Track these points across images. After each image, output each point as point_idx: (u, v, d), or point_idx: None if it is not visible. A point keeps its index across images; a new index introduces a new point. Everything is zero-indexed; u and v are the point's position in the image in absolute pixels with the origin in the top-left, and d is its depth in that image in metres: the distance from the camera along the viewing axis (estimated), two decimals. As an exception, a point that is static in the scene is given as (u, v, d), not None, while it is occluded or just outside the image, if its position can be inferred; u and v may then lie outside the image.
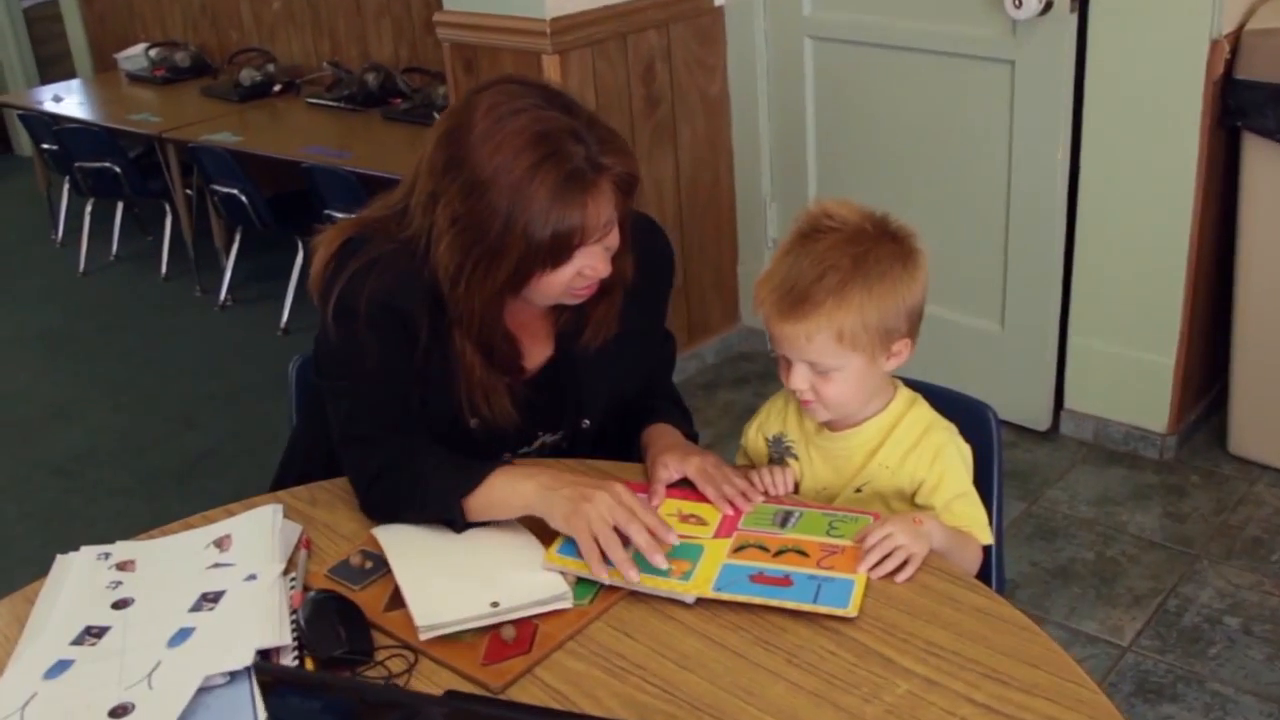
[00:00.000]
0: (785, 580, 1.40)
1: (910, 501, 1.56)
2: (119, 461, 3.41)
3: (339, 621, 1.39)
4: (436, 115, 3.62)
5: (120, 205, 5.07)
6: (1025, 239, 2.95)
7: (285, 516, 1.64)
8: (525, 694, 1.30)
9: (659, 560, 1.39)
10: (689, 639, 1.35)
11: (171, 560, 1.58)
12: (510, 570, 1.44)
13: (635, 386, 1.75)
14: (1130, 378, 2.95)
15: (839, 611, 1.35)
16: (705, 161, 3.51)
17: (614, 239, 1.52)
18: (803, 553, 1.45)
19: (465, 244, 1.45)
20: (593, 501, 1.41)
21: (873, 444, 1.57)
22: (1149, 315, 2.86)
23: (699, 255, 3.61)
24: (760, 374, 3.57)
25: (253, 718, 1.28)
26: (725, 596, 1.38)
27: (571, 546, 1.45)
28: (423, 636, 1.37)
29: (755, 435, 1.69)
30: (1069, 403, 3.09)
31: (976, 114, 2.94)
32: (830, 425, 1.60)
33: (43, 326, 4.48)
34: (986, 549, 1.67)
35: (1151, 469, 2.94)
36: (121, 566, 1.58)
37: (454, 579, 1.45)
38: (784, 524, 1.51)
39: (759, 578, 1.41)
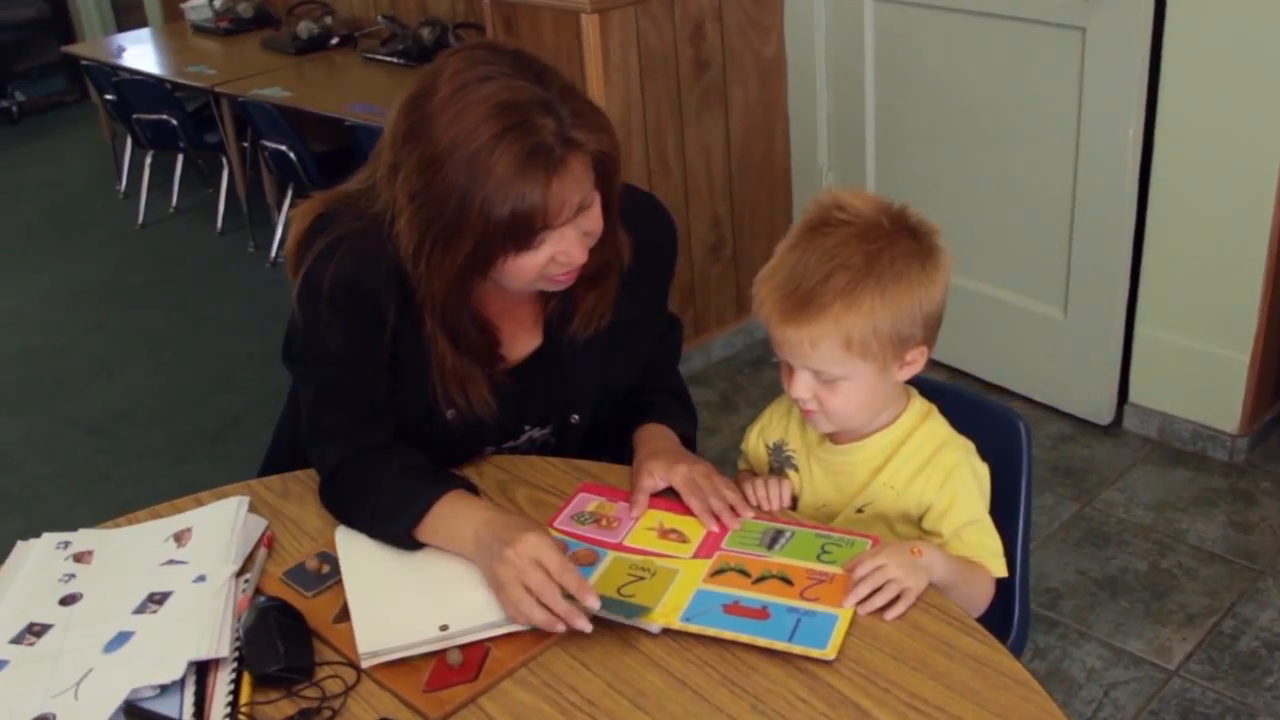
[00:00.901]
0: (762, 612, 1.27)
1: (917, 526, 1.42)
2: (153, 421, 3.38)
3: (279, 634, 1.29)
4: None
5: (180, 157, 5.05)
6: (1092, 220, 2.75)
7: (252, 509, 1.56)
8: (465, 730, 1.19)
9: (580, 624, 1.26)
10: (650, 674, 1.23)
11: (128, 554, 1.50)
12: (466, 589, 1.33)
13: (631, 380, 1.63)
14: (1200, 373, 2.74)
15: (815, 653, 1.21)
16: (758, 128, 3.34)
17: (593, 223, 1.39)
18: (787, 580, 1.32)
19: (423, 221, 1.33)
20: (510, 562, 1.29)
21: (878, 460, 1.42)
22: (1224, 307, 2.65)
23: (750, 226, 3.45)
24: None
25: (180, 734, 1.20)
26: (693, 629, 1.26)
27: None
28: (365, 664, 1.27)
29: (756, 441, 1.55)
30: (1134, 396, 2.89)
31: (1043, 84, 2.73)
32: (833, 437, 1.45)
33: (96, 279, 4.48)
34: (1004, 583, 1.53)
35: (1219, 472, 2.73)
36: (79, 558, 1.51)
37: (405, 597, 1.35)
38: (772, 545, 1.38)
39: (733, 608, 1.28)
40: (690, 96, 3.15)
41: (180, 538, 1.51)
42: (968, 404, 1.68)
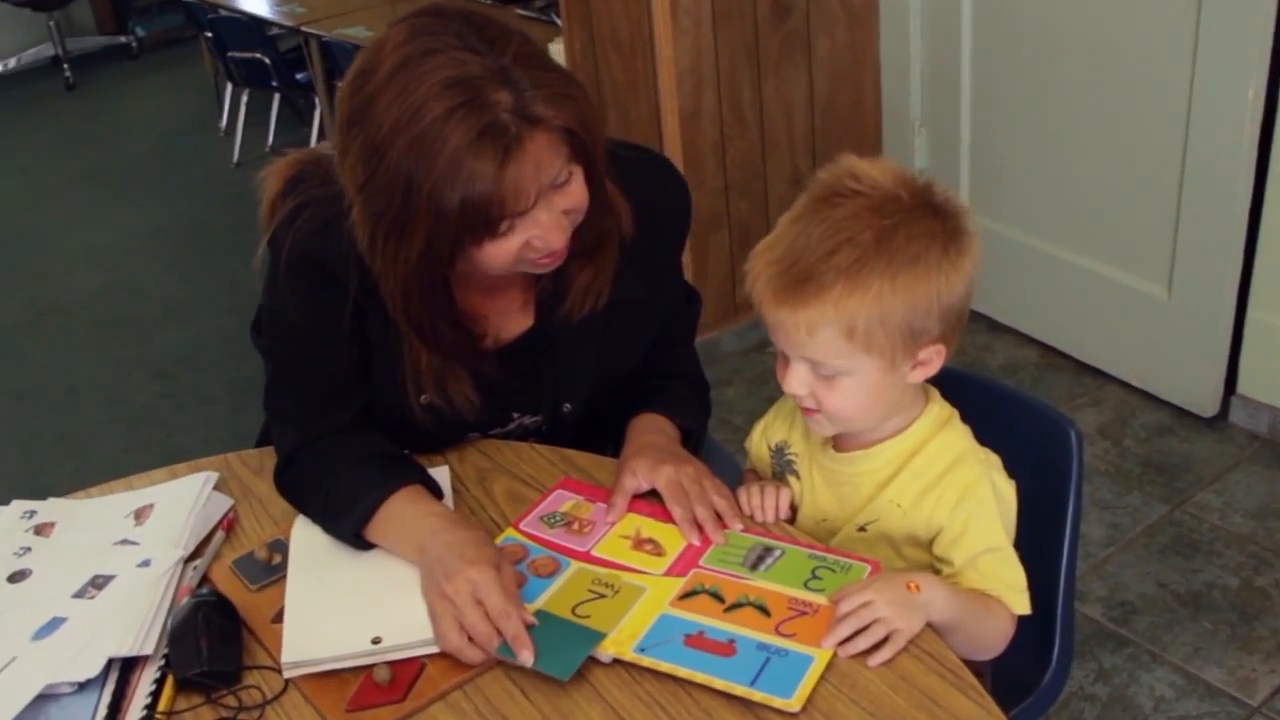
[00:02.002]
0: (727, 647, 1.12)
1: (927, 550, 1.24)
2: (216, 367, 3.35)
3: (206, 634, 1.19)
4: (557, 19, 3.33)
5: (277, 96, 5.02)
6: (1203, 191, 2.47)
7: (220, 487, 1.46)
8: (382, 758, 1.07)
9: (524, 656, 1.12)
10: (592, 708, 1.09)
11: (87, 528, 1.42)
12: (409, 597, 1.20)
13: (631, 364, 1.47)
14: (1320, 365, 2.46)
15: (778, 703, 1.06)
16: (846, 78, 3.11)
17: (573, 200, 1.24)
18: (764, 610, 1.16)
19: (372, 214, 1.19)
20: (447, 597, 1.16)
21: (885, 473, 1.25)
22: (1351, 293, 2.36)
23: (835, 184, 3.23)
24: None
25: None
26: (646, 662, 1.11)
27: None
28: (286, 674, 1.16)
29: (759, 440, 1.39)
30: (1241, 387, 2.61)
31: (1154, 35, 2.46)
32: (837, 444, 1.28)
33: (186, 218, 4.48)
34: (1045, 608, 1.35)
35: (1335, 477, 2.45)
36: (40, 530, 1.43)
37: (343, 602, 1.23)
38: (756, 564, 1.22)
39: (696, 639, 1.13)
40: (769, 44, 2.94)
41: (140, 515, 1.42)
42: (1013, 404, 1.49)
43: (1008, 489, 1.23)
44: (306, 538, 1.33)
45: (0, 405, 3.28)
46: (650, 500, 1.32)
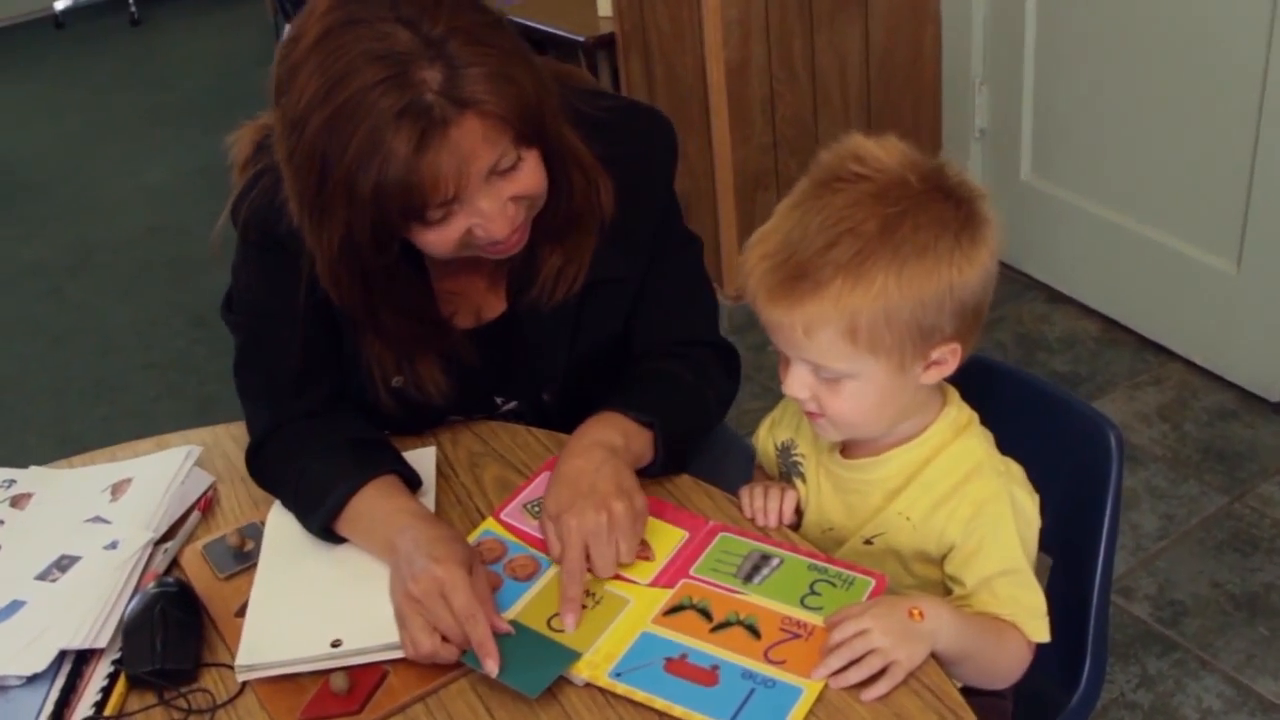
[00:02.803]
0: (710, 675, 1.03)
1: (938, 568, 1.13)
2: (253, 315, 3.30)
3: (162, 629, 1.13)
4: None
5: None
6: (1278, 159, 2.29)
7: (203, 463, 1.40)
8: (331, 776, 1.00)
9: (489, 665, 1.04)
10: (559, 734, 1.01)
11: (62, 502, 1.37)
12: (374, 598, 1.12)
13: (613, 346, 1.36)
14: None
15: (758, 740, 0.97)
16: (904, 32, 2.95)
17: (524, 185, 1.13)
18: (754, 631, 1.06)
19: (295, 192, 1.11)
20: (413, 598, 1.07)
21: (896, 482, 1.14)
22: None
23: (891, 141, 3.08)
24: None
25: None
26: (621, 689, 1.02)
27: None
28: (240, 677, 1.09)
29: (766, 437, 1.28)
30: (1315, 372, 2.44)
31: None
32: (844, 449, 1.18)
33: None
34: (1076, 622, 1.24)
35: None
36: (16, 501, 1.38)
37: (307, 600, 1.16)
38: (751, 576, 1.13)
39: (677, 664, 1.04)
40: (823, -5, 2.79)
41: (117, 490, 1.36)
42: (1050, 402, 1.37)
43: (1029, 504, 1.12)
44: (282, 525, 1.25)
45: (37, 347, 3.27)
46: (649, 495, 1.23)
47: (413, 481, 1.24)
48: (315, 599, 1.15)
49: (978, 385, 1.38)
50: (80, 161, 4.57)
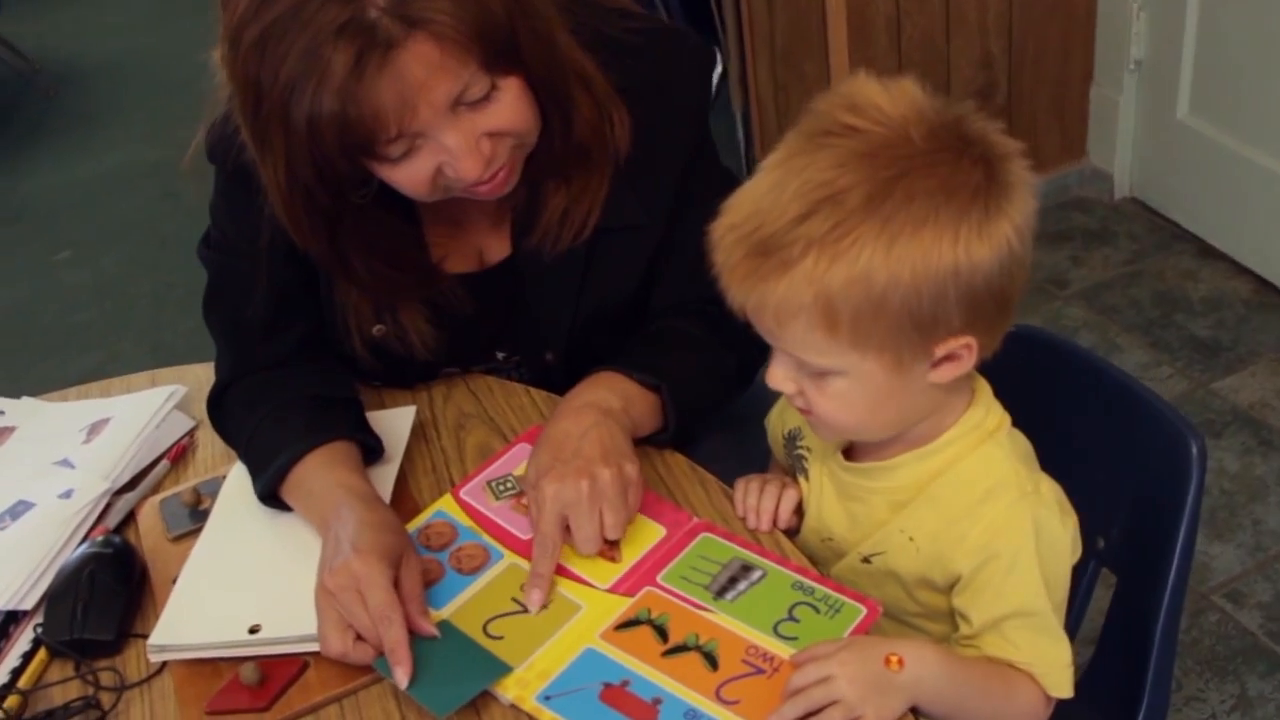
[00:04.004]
0: (648, 710, 0.88)
1: (945, 597, 0.96)
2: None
3: (87, 595, 1.04)
4: None
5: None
6: None
7: (186, 405, 1.31)
8: (222, 782, 0.91)
9: (399, 675, 0.91)
10: (472, 759, 0.89)
11: (39, 440, 1.31)
12: (302, 581, 1.01)
13: (628, 307, 1.20)
14: None
15: (683, 799, 0.82)
16: (1055, -55, 2.64)
17: (502, 121, 0.98)
18: (711, 659, 0.91)
19: (241, 116, 0.98)
20: (328, 591, 0.95)
21: (903, 494, 0.96)
22: None
23: (1035, 68, 2.78)
24: (1093, 232, 2.76)
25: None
26: (545, 717, 0.89)
27: None
28: (152, 657, 1.00)
29: (777, 420, 1.12)
30: None
31: None
32: (847, 450, 1.00)
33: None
34: (1137, 659, 1.06)
35: None
36: (-3, 434, 1.32)
37: (238, 577, 1.05)
38: (726, 590, 0.97)
39: (615, 693, 0.90)
40: (961, -100, 2.51)
41: (94, 430, 1.29)
42: (1127, 399, 1.16)
43: (1061, 531, 0.93)
44: (240, 485, 1.15)
45: (148, 250, 3.28)
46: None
47: (372, 449, 1.12)
48: (246, 576, 1.05)
49: (1042, 371, 1.20)
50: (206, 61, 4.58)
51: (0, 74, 4.34)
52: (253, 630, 0.98)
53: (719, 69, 3.26)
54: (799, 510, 1.05)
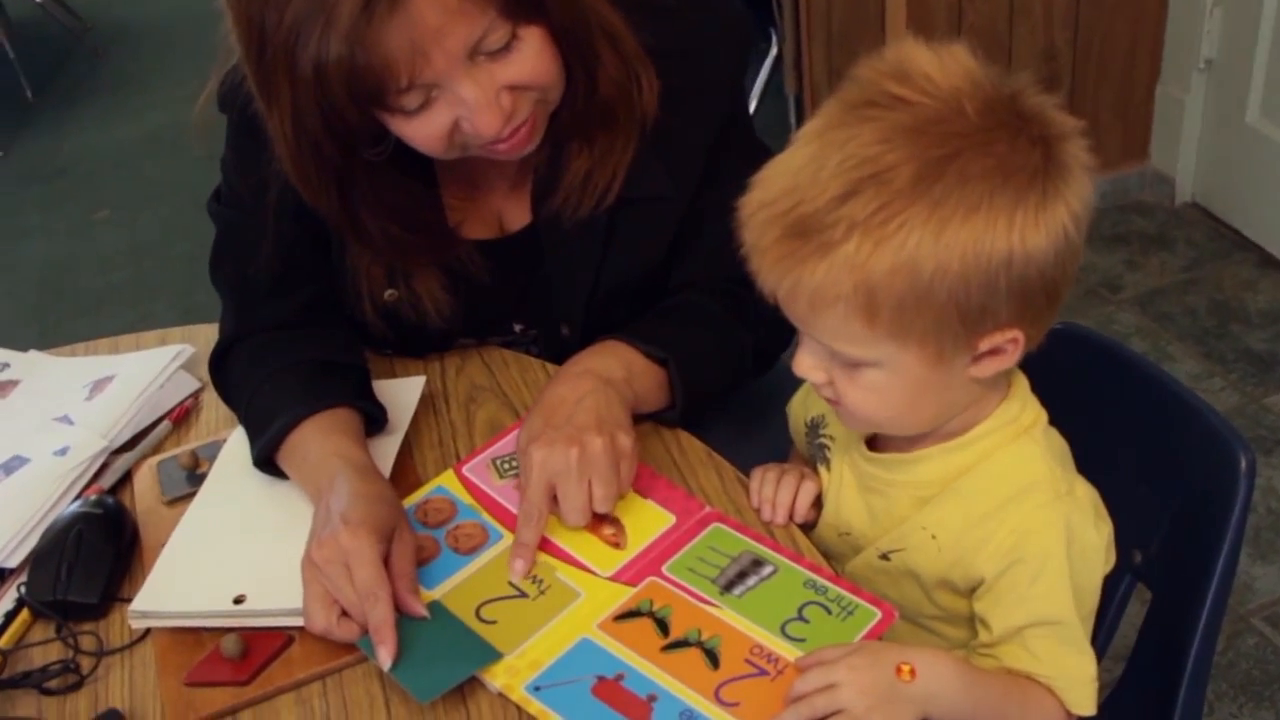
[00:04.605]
0: (642, 707, 0.83)
1: (966, 601, 0.90)
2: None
3: (73, 556, 1.01)
4: None
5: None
6: None
7: (192, 366, 1.27)
8: (194, 758, 0.86)
9: (382, 655, 0.86)
10: (454, 749, 0.84)
11: (42, 395, 1.27)
12: (294, 551, 0.96)
13: (650, 283, 1.15)
14: None
15: (671, 805, 0.77)
16: (1125, -65, 2.55)
17: (522, 73, 0.93)
18: (713, 656, 0.86)
19: (245, 63, 0.94)
20: (315, 565, 0.91)
21: (927, 489, 0.90)
22: None
23: (1100, 63, 2.69)
24: (1151, 236, 2.67)
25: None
26: (533, 707, 0.84)
27: None
28: (133, 623, 0.96)
29: (800, 407, 1.06)
30: None
31: None
32: (871, 439, 0.94)
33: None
34: (1170, 677, 1.00)
35: None
36: (0, 389, 1.29)
37: (226, 545, 1.01)
38: (734, 585, 0.92)
39: (608, 687, 0.85)
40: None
41: (97, 387, 1.25)
42: (1176, 407, 1.09)
43: (1095, 538, 0.86)
44: (238, 450, 1.11)
45: (185, 213, 3.20)
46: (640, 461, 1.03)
47: (375, 418, 1.08)
48: (236, 545, 1.01)
49: (1087, 372, 1.13)
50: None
51: (51, 31, 4.35)
52: (238, 600, 0.94)
53: (774, 51, 3.21)
54: (818, 503, 0.99)
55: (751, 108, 3.12)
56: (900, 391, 0.83)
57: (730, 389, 1.13)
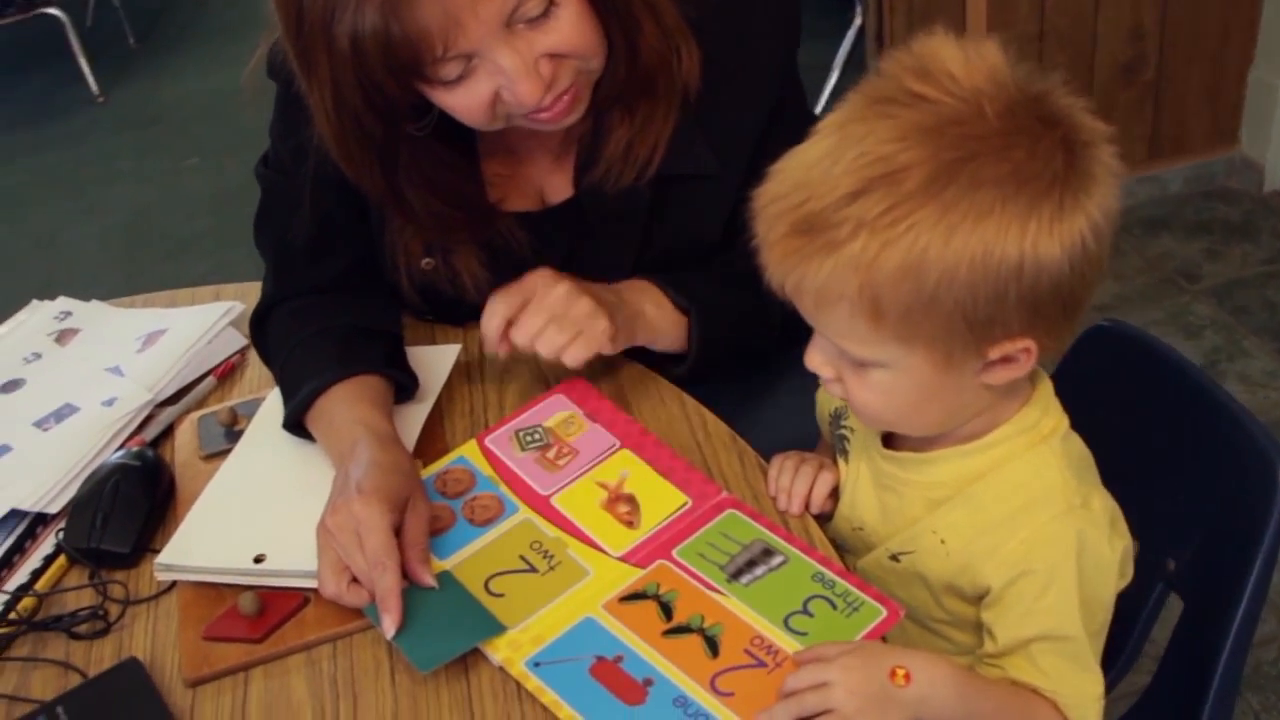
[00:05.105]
0: (639, 690, 0.84)
1: (975, 608, 0.89)
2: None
3: (111, 505, 1.04)
4: None
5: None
6: None
7: (240, 322, 1.30)
8: (205, 706, 0.89)
9: (386, 623, 0.88)
10: (451, 718, 0.85)
11: (98, 345, 1.32)
12: (313, 514, 0.98)
13: (696, 259, 1.14)
14: None
15: (655, 792, 0.78)
16: (1228, -89, 2.45)
17: (562, 40, 0.94)
18: (713, 644, 0.86)
19: (285, 37, 0.95)
20: (329, 531, 0.93)
21: (940, 491, 0.89)
22: None
23: (1190, 45, 2.59)
24: (1234, 225, 2.58)
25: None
26: (530, 683, 0.85)
27: None
28: (159, 576, 0.99)
29: (824, 397, 1.05)
30: None
31: None
32: (887, 435, 0.93)
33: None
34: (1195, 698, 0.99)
35: None
36: (62, 337, 1.34)
37: (253, 504, 1.04)
38: (742, 573, 0.92)
39: (606, 667, 0.86)
40: None
41: (149, 340, 1.29)
42: (1216, 414, 1.06)
43: (1108, 553, 0.84)
44: (275, 410, 1.13)
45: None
46: (660, 441, 1.03)
47: (405, 386, 1.09)
48: (262, 504, 1.03)
49: (1131, 372, 1.11)
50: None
51: (157, -23, 4.45)
52: (258, 560, 0.97)
53: (858, 22, 3.16)
54: (835, 494, 0.99)
55: (833, 79, 3.08)
56: (907, 393, 0.82)
57: (750, 352, 1.13)
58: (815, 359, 0.85)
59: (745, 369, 1.17)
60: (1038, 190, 0.74)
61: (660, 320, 1.08)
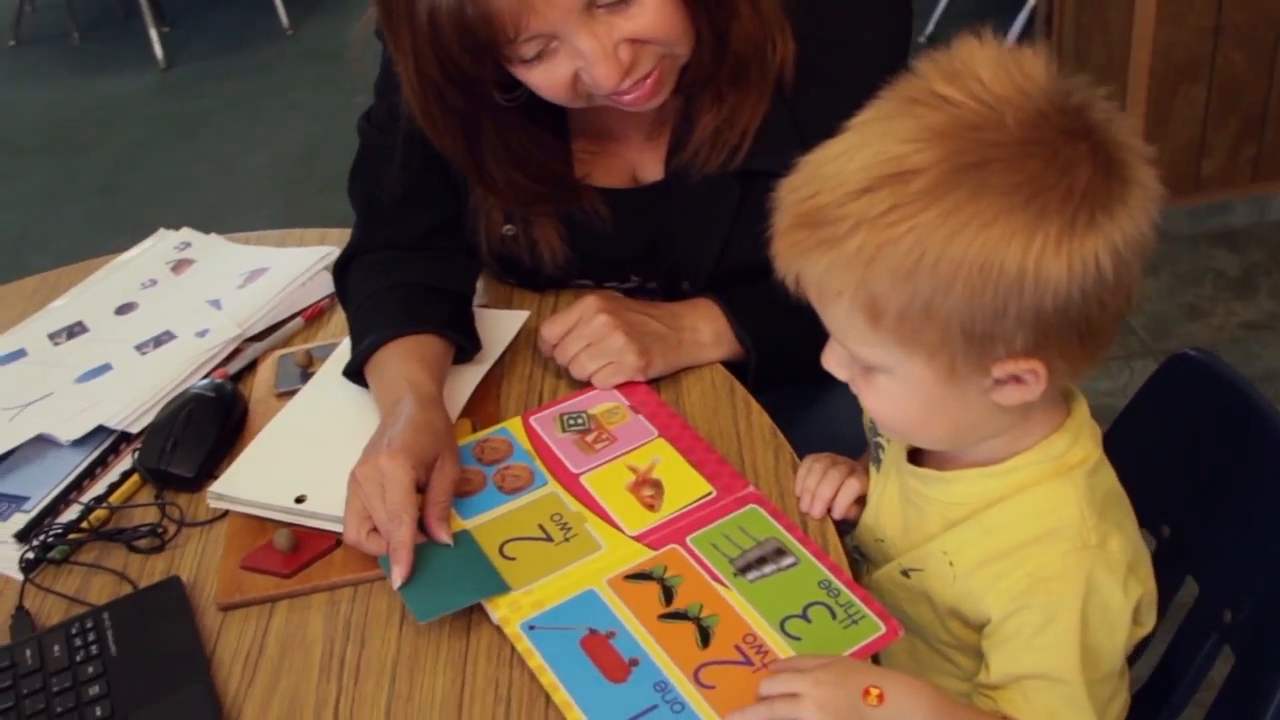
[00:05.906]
0: (622, 668, 0.85)
1: (977, 634, 0.87)
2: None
3: (183, 430, 1.11)
4: None
5: None
6: None
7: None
8: (231, 630, 0.95)
9: (395, 573, 0.92)
10: (441, 671, 0.89)
11: (207, 278, 1.40)
12: (351, 462, 1.03)
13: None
14: None
15: (614, 776, 0.79)
16: None
17: (642, 26, 0.94)
18: (706, 635, 0.87)
19: (377, 6, 0.98)
20: (356, 481, 0.96)
21: (958, 511, 0.87)
22: None
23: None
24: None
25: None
26: (521, 645, 0.88)
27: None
28: (211, 504, 1.05)
29: (869, 403, 1.04)
30: None
31: None
32: (911, 453, 0.91)
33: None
34: None
35: None
36: (178, 266, 1.43)
37: (305, 446, 1.09)
38: (749, 569, 0.92)
39: (596, 641, 0.87)
40: None
41: (251, 278, 1.37)
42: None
43: (1119, 597, 0.81)
44: (344, 357, 1.18)
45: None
46: (698, 435, 1.04)
47: (465, 348, 1.13)
48: (313, 447, 1.08)
49: (1211, 409, 1.05)
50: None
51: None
52: (299, 500, 1.02)
53: (1031, 2, 3.04)
54: (862, 502, 0.98)
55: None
56: (912, 402, 0.80)
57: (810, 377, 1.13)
58: (830, 359, 0.84)
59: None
60: (1049, 204, 0.71)
61: (716, 351, 1.13)
